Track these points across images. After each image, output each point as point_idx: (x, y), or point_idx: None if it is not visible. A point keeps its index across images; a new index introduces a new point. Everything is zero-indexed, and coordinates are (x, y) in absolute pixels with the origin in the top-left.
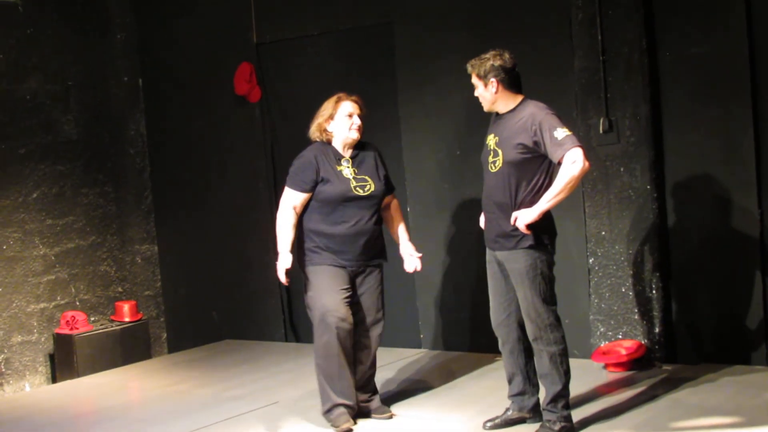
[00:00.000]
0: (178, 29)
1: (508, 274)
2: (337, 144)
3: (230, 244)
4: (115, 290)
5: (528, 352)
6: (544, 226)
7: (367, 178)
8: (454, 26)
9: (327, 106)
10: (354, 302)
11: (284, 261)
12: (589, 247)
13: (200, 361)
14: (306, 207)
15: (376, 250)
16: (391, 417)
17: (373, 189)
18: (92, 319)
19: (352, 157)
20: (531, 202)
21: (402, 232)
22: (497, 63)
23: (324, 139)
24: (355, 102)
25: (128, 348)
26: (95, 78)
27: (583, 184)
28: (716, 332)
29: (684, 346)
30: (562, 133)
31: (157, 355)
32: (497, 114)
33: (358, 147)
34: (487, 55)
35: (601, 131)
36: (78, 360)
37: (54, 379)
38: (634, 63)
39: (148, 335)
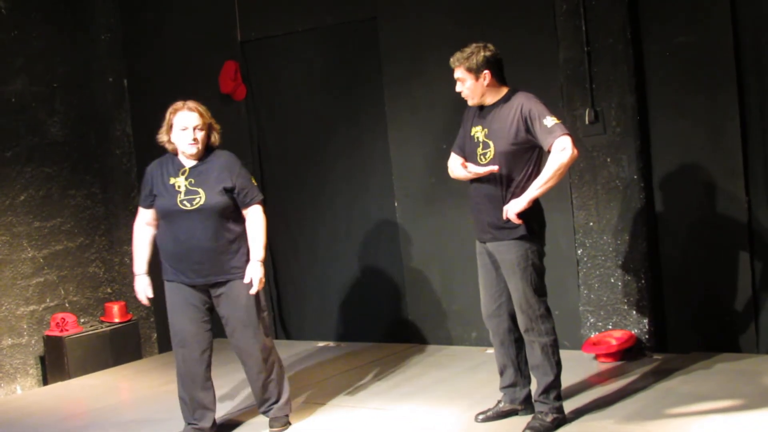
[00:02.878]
0: (162, 29)
1: (498, 266)
2: (182, 155)
3: None
4: (105, 291)
5: (519, 344)
6: (534, 217)
7: (200, 190)
8: (438, 19)
9: (167, 116)
10: (221, 316)
11: (138, 284)
12: (577, 238)
13: None
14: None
15: (218, 266)
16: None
17: (202, 202)
18: (82, 320)
19: (192, 168)
20: (521, 193)
21: (253, 249)
22: (488, 54)
23: (171, 150)
24: (195, 111)
25: (119, 349)
26: (80, 79)
27: (570, 175)
28: (706, 321)
29: (674, 336)
30: (551, 121)
31: (148, 355)
32: (480, 106)
33: (206, 156)
34: (472, 49)
35: (587, 122)
36: (69, 362)
37: (45, 382)
38: (619, 53)
39: (138, 335)
